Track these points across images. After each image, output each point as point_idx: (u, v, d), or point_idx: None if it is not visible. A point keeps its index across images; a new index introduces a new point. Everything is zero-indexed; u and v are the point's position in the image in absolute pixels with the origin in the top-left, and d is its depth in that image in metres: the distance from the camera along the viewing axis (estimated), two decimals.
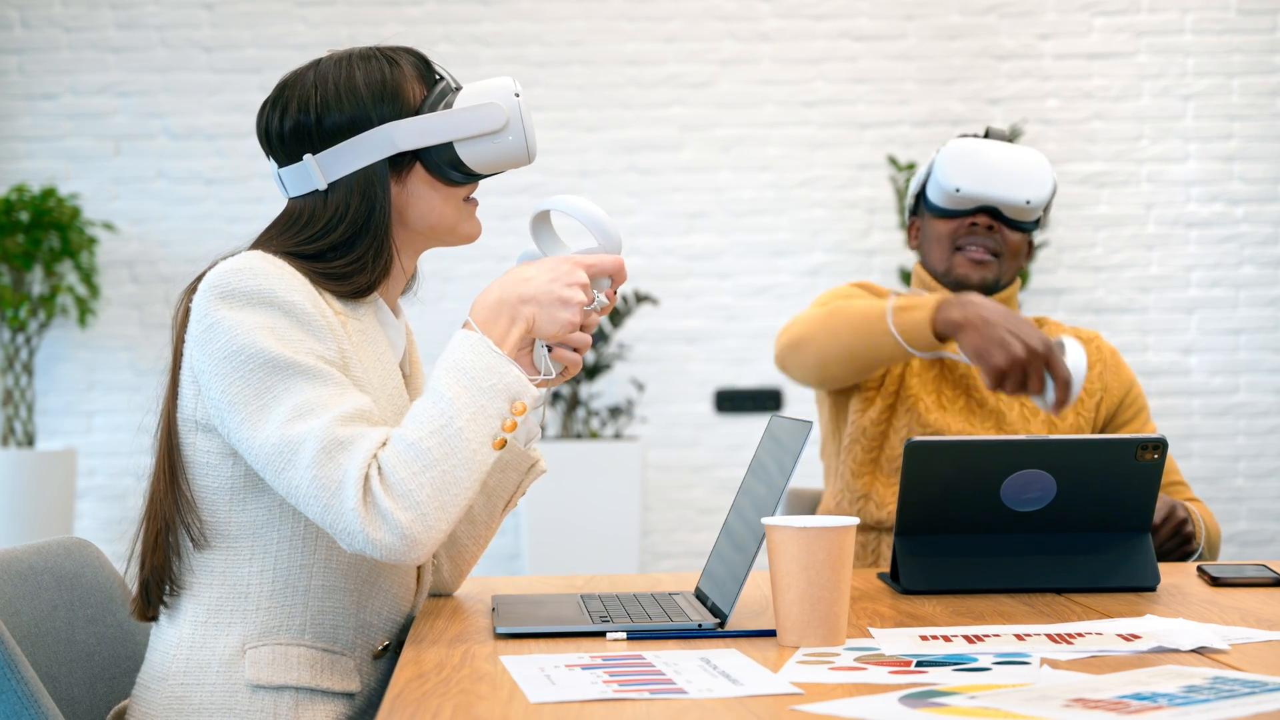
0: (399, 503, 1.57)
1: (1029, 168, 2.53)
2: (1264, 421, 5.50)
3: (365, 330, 1.75)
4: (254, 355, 1.61)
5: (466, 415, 1.60)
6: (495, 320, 1.67)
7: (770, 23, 5.48)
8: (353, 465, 1.57)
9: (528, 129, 1.76)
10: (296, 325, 1.63)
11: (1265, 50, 5.50)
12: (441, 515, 1.60)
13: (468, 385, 1.61)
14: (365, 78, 1.75)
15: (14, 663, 1.60)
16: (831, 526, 1.60)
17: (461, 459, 1.60)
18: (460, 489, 1.60)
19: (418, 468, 1.58)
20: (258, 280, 1.64)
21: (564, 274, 1.70)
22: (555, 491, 5.07)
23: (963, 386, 2.58)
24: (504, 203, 5.41)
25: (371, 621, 1.77)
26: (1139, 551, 2.05)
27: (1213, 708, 1.28)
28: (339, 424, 1.59)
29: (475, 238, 1.85)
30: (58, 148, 5.46)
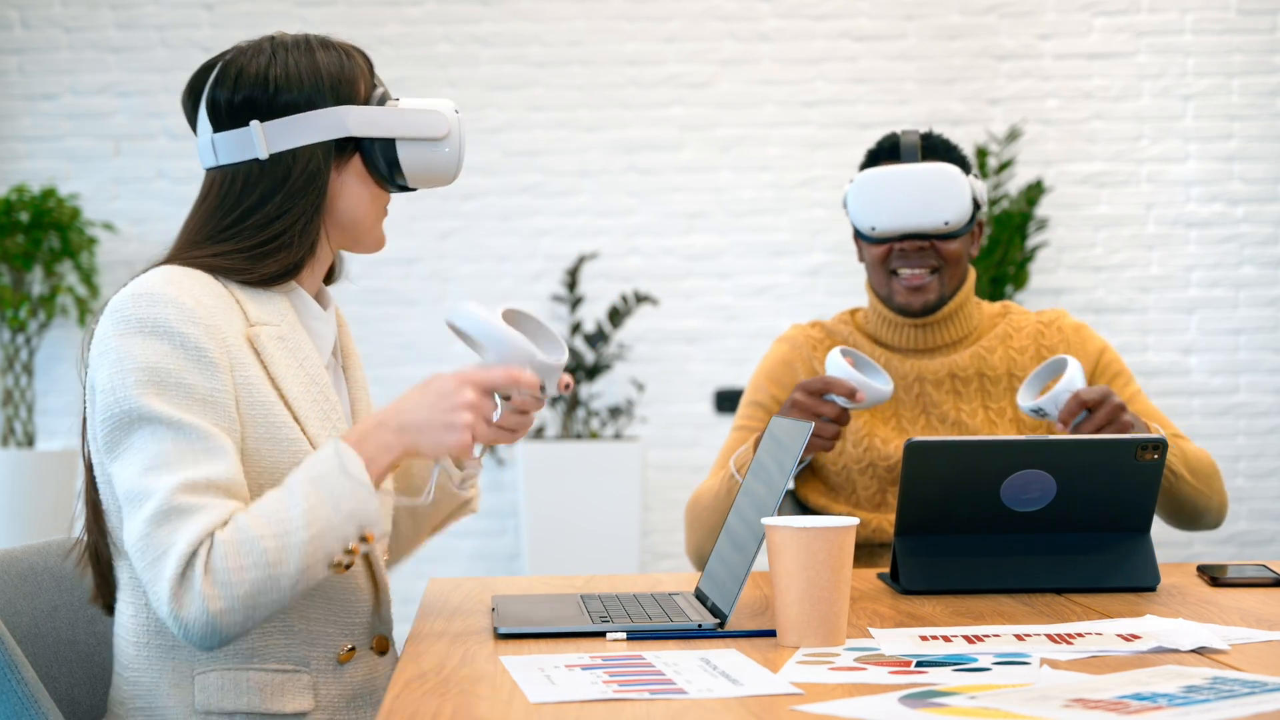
0: (215, 590, 1.54)
1: (937, 188, 2.48)
2: (1264, 421, 5.50)
3: (284, 335, 1.72)
4: (124, 399, 1.60)
5: (313, 531, 1.57)
6: (366, 442, 1.63)
7: (770, 23, 5.48)
8: (183, 536, 1.54)
9: (462, 146, 1.80)
10: (186, 360, 1.62)
11: (1265, 50, 5.50)
12: (251, 615, 1.57)
13: (324, 501, 1.58)
14: (326, 64, 1.77)
15: (14, 663, 1.60)
16: (831, 526, 1.60)
17: (292, 569, 1.56)
18: (279, 596, 1.57)
19: (247, 563, 1.54)
20: (154, 309, 1.63)
21: (447, 396, 1.65)
22: (555, 491, 5.07)
23: (920, 406, 2.56)
24: (504, 203, 5.41)
25: (327, 631, 1.73)
26: (1139, 551, 2.05)
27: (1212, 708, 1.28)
28: (185, 490, 1.56)
29: (381, 247, 1.86)
30: (58, 148, 5.46)
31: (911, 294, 2.54)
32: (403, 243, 5.40)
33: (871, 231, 2.51)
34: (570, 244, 5.43)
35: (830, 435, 2.33)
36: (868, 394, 2.32)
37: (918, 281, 2.53)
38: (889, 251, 2.54)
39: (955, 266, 2.55)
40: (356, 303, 5.26)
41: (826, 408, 2.32)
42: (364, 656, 1.78)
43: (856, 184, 2.52)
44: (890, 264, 2.55)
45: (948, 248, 2.53)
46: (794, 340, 2.64)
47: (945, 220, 2.48)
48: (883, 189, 2.49)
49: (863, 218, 2.51)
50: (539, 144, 5.46)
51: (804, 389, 2.34)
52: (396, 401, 1.67)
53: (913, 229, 2.49)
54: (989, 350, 2.58)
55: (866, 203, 2.50)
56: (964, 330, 2.59)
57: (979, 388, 2.57)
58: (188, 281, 1.67)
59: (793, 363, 2.62)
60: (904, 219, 2.48)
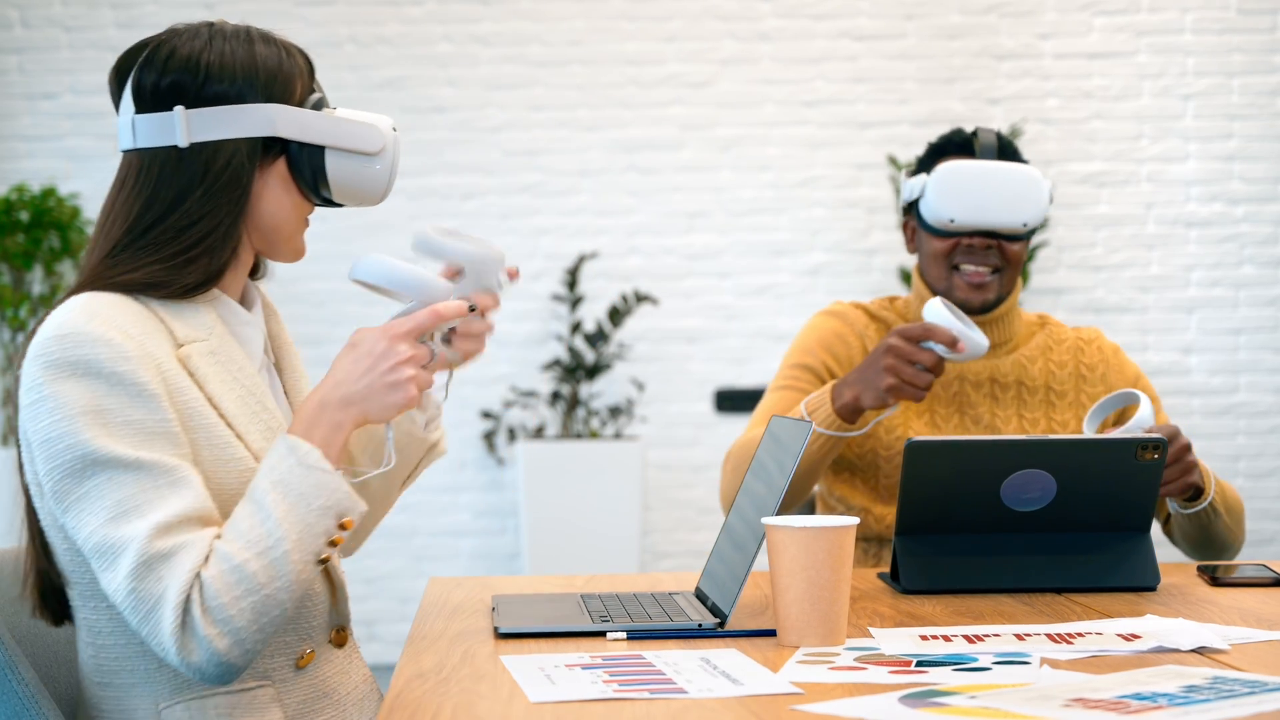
0: (217, 629, 1.51)
1: (1022, 188, 2.46)
2: (1264, 421, 5.50)
3: (214, 349, 1.66)
4: (74, 445, 1.53)
5: (293, 538, 1.53)
6: (315, 427, 1.59)
7: (770, 23, 5.48)
8: (173, 583, 1.50)
9: (394, 166, 1.71)
10: (125, 398, 1.55)
11: (1265, 50, 5.50)
12: (259, 638, 1.55)
13: (295, 504, 1.54)
14: (262, 58, 1.70)
15: (14, 663, 1.59)
16: (831, 526, 1.60)
17: (285, 582, 1.53)
18: (281, 609, 1.55)
19: (239, 592, 1.51)
20: (85, 349, 1.55)
21: (381, 358, 1.61)
22: (555, 491, 5.08)
23: (955, 404, 2.54)
24: (504, 202, 5.41)
25: (280, 640, 1.69)
26: (1139, 551, 2.05)
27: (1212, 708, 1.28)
28: (159, 535, 1.51)
29: (299, 257, 1.77)
30: (58, 148, 5.46)
31: (973, 290, 2.50)
32: (402, 242, 5.40)
33: (949, 224, 2.47)
34: (570, 244, 5.43)
35: (924, 385, 2.28)
36: (968, 345, 2.28)
37: (980, 279, 2.50)
38: (954, 246, 2.50)
39: (1015, 269, 2.53)
40: (356, 302, 5.26)
41: (924, 355, 2.28)
42: (322, 654, 1.74)
43: (939, 174, 2.47)
44: (954, 258, 2.51)
45: (1013, 249, 2.50)
46: (846, 316, 2.60)
47: (1024, 222, 2.46)
48: (967, 182, 2.46)
49: (942, 209, 2.46)
50: (539, 144, 5.46)
51: (903, 334, 2.29)
52: (331, 374, 1.62)
53: (992, 226, 2.46)
54: (1030, 360, 2.56)
55: (948, 194, 2.46)
56: (1008, 334, 2.56)
57: (1016, 395, 2.54)
58: (109, 311, 1.60)
59: (847, 337, 2.57)
60: (985, 215, 2.46)
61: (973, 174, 2.47)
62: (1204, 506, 2.35)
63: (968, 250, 2.50)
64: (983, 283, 2.51)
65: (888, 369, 2.29)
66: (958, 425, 2.52)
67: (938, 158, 2.55)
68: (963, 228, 2.47)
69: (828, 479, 2.59)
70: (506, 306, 5.45)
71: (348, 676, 1.77)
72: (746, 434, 2.50)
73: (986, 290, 2.51)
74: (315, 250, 5.27)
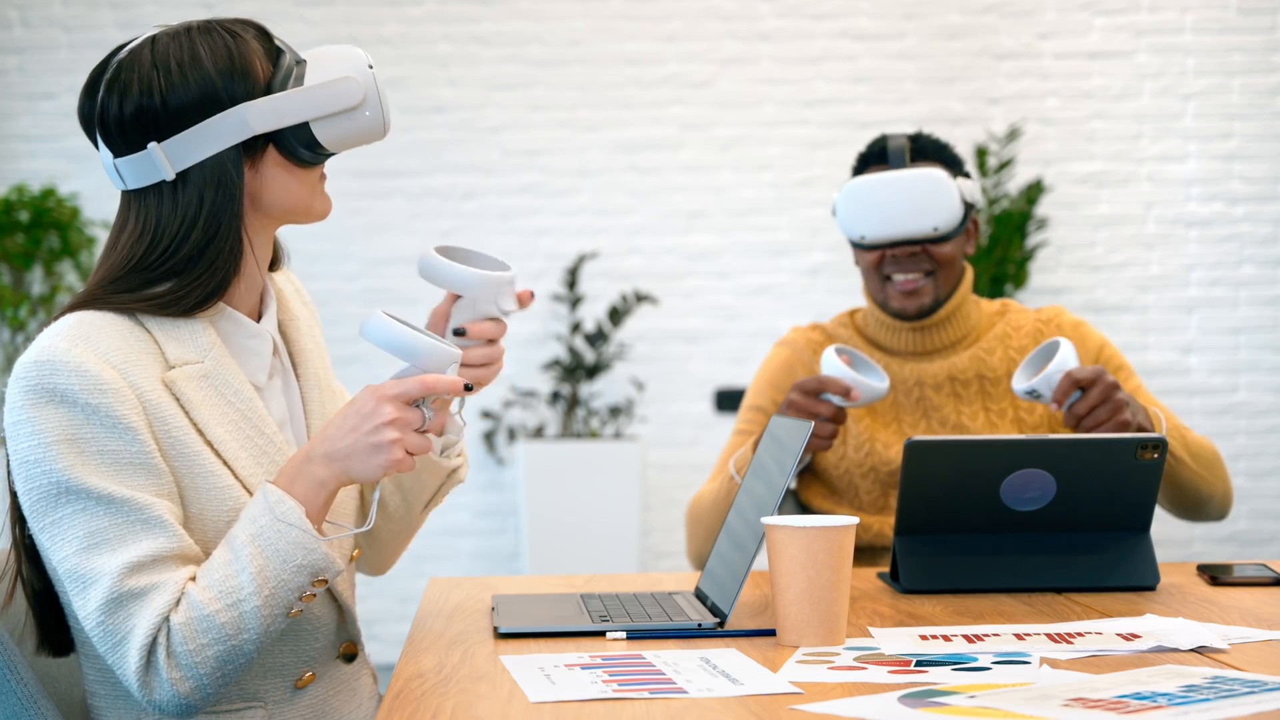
0: (180, 674, 1.52)
1: (926, 193, 2.46)
2: (1264, 421, 5.50)
3: (208, 374, 1.63)
4: (49, 472, 1.53)
5: (265, 593, 1.53)
6: (297, 481, 1.57)
7: (770, 22, 5.48)
8: (140, 624, 1.51)
9: (384, 102, 1.65)
10: (100, 429, 1.54)
11: (1265, 50, 5.50)
12: (221, 684, 1.55)
13: (270, 560, 1.54)
14: (210, 54, 1.64)
15: (14, 663, 1.59)
16: (831, 526, 1.60)
17: (252, 635, 1.54)
18: (245, 660, 1.55)
19: (206, 641, 1.52)
20: (60, 378, 1.54)
21: (367, 418, 1.57)
22: (555, 491, 5.07)
23: (920, 409, 2.55)
24: (503, 202, 5.41)
25: (278, 662, 1.69)
26: (1139, 551, 2.05)
27: (1212, 707, 1.28)
28: (131, 573, 1.51)
29: (327, 214, 1.73)
30: (58, 148, 5.46)
31: (906, 299, 2.53)
32: (403, 242, 5.40)
33: (861, 240, 2.50)
34: (570, 243, 5.43)
35: (827, 435, 2.33)
36: (863, 392, 2.32)
37: (911, 286, 2.52)
38: (881, 258, 2.53)
39: (949, 268, 2.54)
40: (356, 302, 5.26)
41: (823, 407, 2.32)
42: (326, 673, 1.73)
43: (843, 194, 2.50)
44: (884, 270, 2.53)
45: (940, 251, 2.51)
46: (794, 344, 2.64)
47: (934, 226, 2.47)
48: (869, 197, 2.47)
49: (851, 227, 2.50)
50: (539, 144, 5.46)
51: (800, 389, 2.34)
52: (323, 428, 1.60)
53: (901, 236, 2.47)
54: (988, 352, 2.57)
55: (854, 212, 2.48)
56: (963, 331, 2.58)
57: (979, 390, 2.56)
58: (96, 335, 1.58)
59: (793, 367, 2.61)
60: (892, 227, 2.47)
61: (874, 187, 2.47)
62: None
63: (894, 260, 2.52)
64: (915, 288, 2.52)
65: None
66: (925, 429, 2.54)
67: (860, 171, 2.58)
68: (875, 242, 2.49)
69: (814, 501, 2.62)
70: None
71: (353, 694, 1.77)
72: (707, 486, 2.54)
73: (921, 295, 2.53)
74: (315, 250, 5.29)
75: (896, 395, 2.56)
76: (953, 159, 2.56)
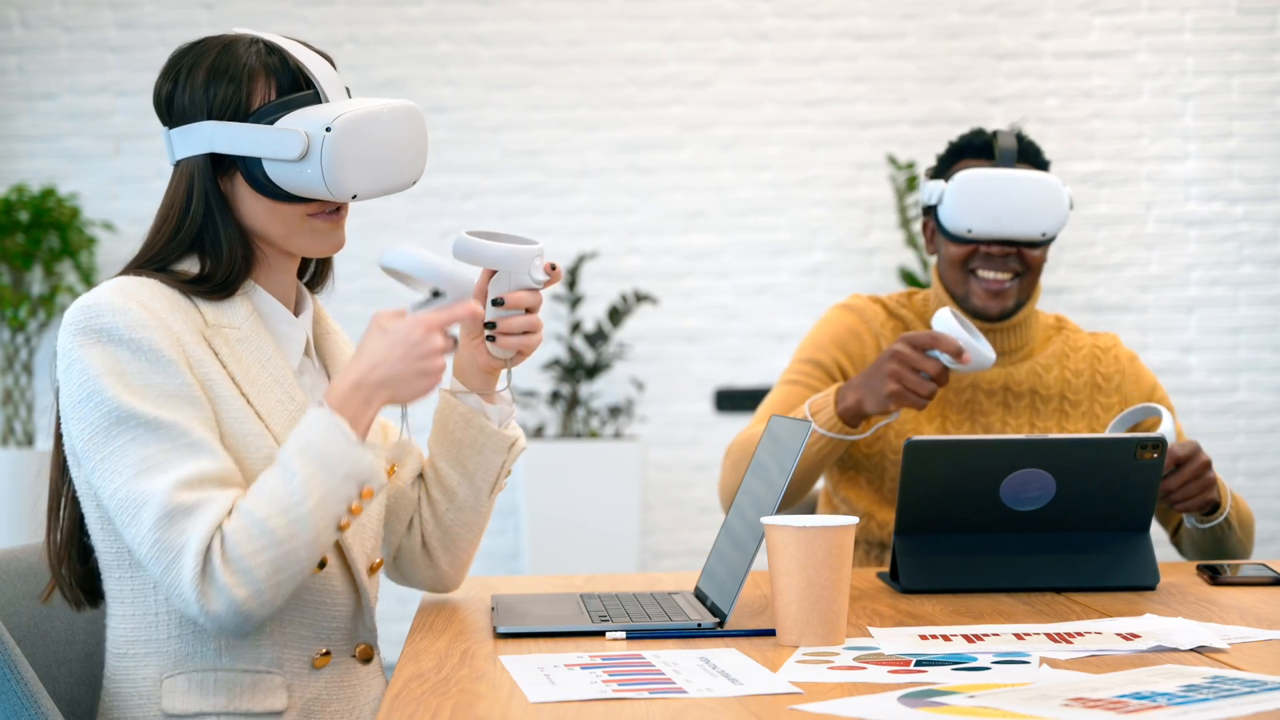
0: (237, 579, 1.58)
1: (1042, 198, 2.43)
2: (1264, 421, 5.50)
3: (245, 338, 1.73)
4: (102, 403, 1.61)
5: (315, 499, 1.60)
6: (348, 403, 1.65)
7: (770, 22, 5.48)
8: (195, 534, 1.57)
9: (328, 166, 1.68)
10: (146, 364, 1.63)
11: (1265, 50, 5.50)
12: (277, 593, 1.61)
13: (320, 469, 1.60)
14: (213, 66, 1.74)
15: (14, 663, 1.59)
16: (831, 526, 1.60)
17: (304, 541, 1.60)
18: (299, 568, 1.61)
19: (260, 545, 1.58)
20: (105, 318, 1.64)
21: (417, 345, 1.66)
22: (555, 491, 5.07)
23: (968, 411, 2.52)
24: (503, 202, 5.41)
25: (300, 634, 1.74)
26: (1139, 551, 2.05)
27: (1212, 707, 1.28)
28: (182, 488, 1.58)
29: (319, 253, 1.80)
30: (58, 148, 5.46)
31: (991, 298, 2.48)
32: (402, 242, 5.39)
33: (967, 234, 2.44)
34: (570, 243, 5.43)
35: (927, 393, 2.26)
36: (974, 356, 2.25)
37: (999, 286, 2.48)
38: (972, 252, 2.48)
39: (1036, 274, 2.50)
40: (356, 302, 5.26)
41: (929, 364, 2.25)
42: (342, 663, 1.78)
43: (957, 183, 2.44)
44: (971, 264, 2.49)
45: (1033, 255, 2.48)
46: (863, 312, 2.57)
47: (1044, 231, 2.43)
48: (986, 192, 2.43)
49: (960, 219, 2.44)
50: (539, 144, 5.46)
51: (909, 341, 2.27)
52: (363, 355, 1.66)
53: (1012, 236, 2.43)
54: (1045, 368, 2.54)
55: (966, 205, 2.43)
56: (1023, 340, 2.54)
57: (1029, 404, 2.52)
58: (137, 289, 1.68)
59: (861, 333, 2.55)
60: (1003, 226, 2.43)
61: (991, 183, 2.43)
62: (1220, 521, 2.34)
63: (986, 257, 2.48)
64: (1001, 289, 2.48)
65: (891, 375, 2.27)
66: (969, 432, 2.50)
67: (956, 160, 2.53)
68: (980, 238, 2.45)
69: (834, 478, 2.58)
70: None
71: (367, 690, 1.80)
72: (750, 429, 2.48)
73: (1005, 297, 2.49)
74: None
75: (947, 393, 2.51)
76: (1048, 164, 2.54)
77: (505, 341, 1.84)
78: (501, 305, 1.83)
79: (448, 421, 1.91)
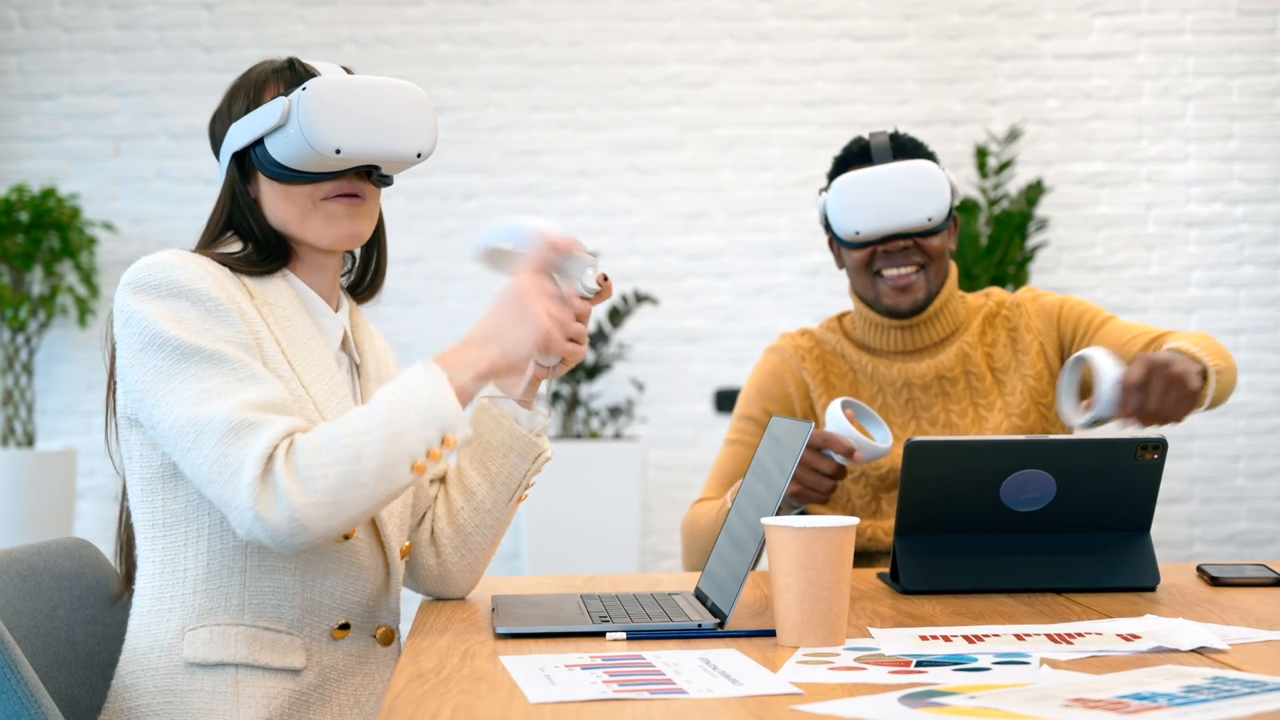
0: (299, 485, 1.59)
1: (918, 185, 2.45)
2: (1264, 421, 5.50)
3: (289, 316, 1.78)
4: (164, 343, 1.65)
5: (395, 428, 1.62)
6: (452, 357, 1.69)
7: (770, 23, 5.48)
8: (258, 444, 1.60)
9: (305, 122, 1.74)
10: (204, 312, 1.68)
11: (1265, 50, 5.50)
12: (338, 510, 1.61)
13: (403, 401, 1.63)
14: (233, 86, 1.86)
15: (14, 663, 1.60)
16: (831, 526, 1.60)
17: (374, 465, 1.61)
18: (364, 492, 1.62)
19: (328, 459, 1.60)
20: (164, 273, 1.69)
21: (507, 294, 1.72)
22: (555, 491, 5.07)
23: (910, 410, 2.55)
24: (504, 203, 5.41)
25: (321, 601, 1.77)
26: (1139, 551, 2.05)
27: (1212, 708, 1.28)
28: (246, 408, 1.62)
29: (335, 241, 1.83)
30: (58, 148, 5.46)
31: (899, 294, 2.51)
32: (403, 242, 5.40)
33: (855, 236, 2.48)
34: None
35: (826, 490, 2.28)
36: (865, 452, 2.25)
37: (904, 281, 2.51)
38: (872, 254, 2.51)
39: (939, 262, 2.53)
40: None
41: (825, 463, 2.27)
42: (361, 639, 1.81)
43: (835, 190, 2.48)
44: (874, 266, 2.52)
45: (930, 244, 2.50)
46: (782, 351, 2.62)
47: (928, 217, 2.46)
48: (862, 192, 2.46)
49: (845, 223, 2.47)
50: (539, 144, 5.46)
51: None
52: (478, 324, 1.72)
53: (896, 229, 2.46)
54: (971, 347, 2.56)
55: (847, 208, 2.46)
56: (950, 327, 2.57)
57: (966, 386, 2.55)
58: (190, 258, 1.74)
59: (782, 374, 2.60)
60: (887, 220, 2.45)
61: (865, 182, 2.46)
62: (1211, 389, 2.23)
63: (886, 255, 2.51)
64: (907, 284, 2.51)
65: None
66: (915, 430, 2.53)
67: (839, 172, 2.56)
68: (869, 237, 2.48)
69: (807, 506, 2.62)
70: None
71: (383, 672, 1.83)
72: (699, 505, 2.53)
73: (913, 290, 2.52)
74: None
75: (885, 398, 2.55)
76: (931, 154, 2.56)
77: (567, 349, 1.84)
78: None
79: (479, 423, 1.93)
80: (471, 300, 5.44)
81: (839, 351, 2.59)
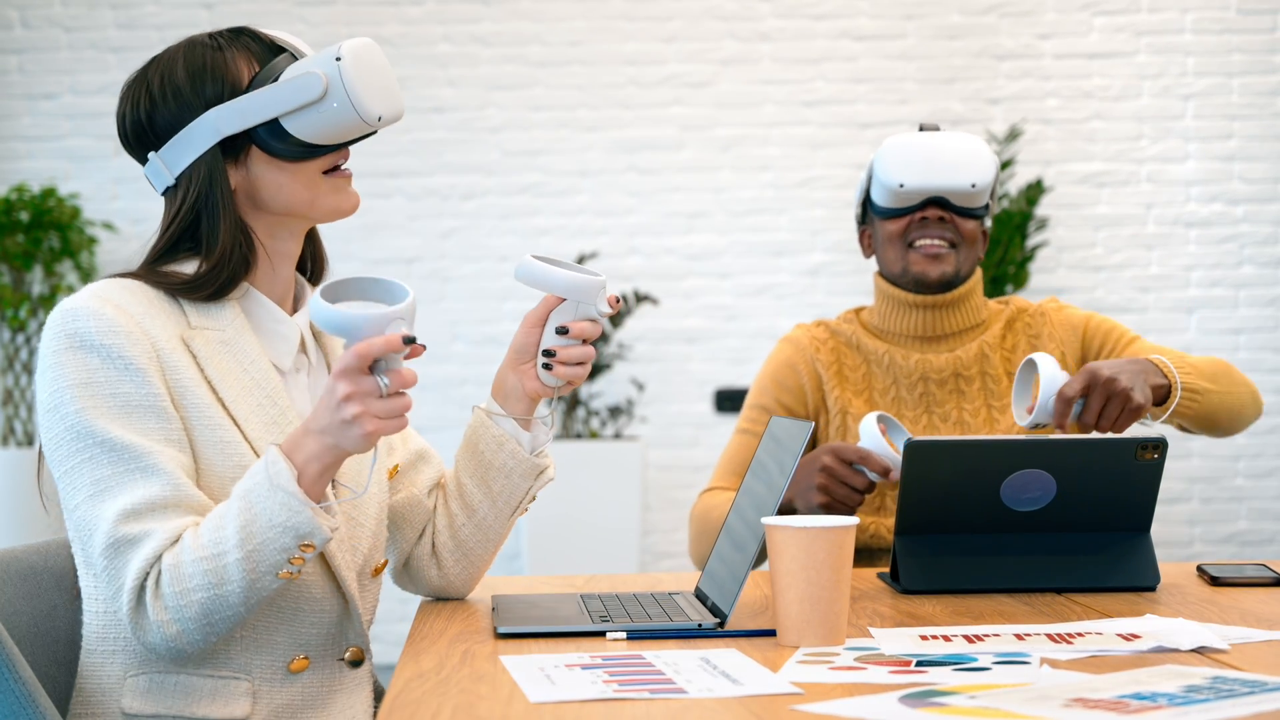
0: (168, 615, 1.59)
1: (968, 152, 2.51)
2: (1264, 421, 5.50)
3: (228, 340, 1.72)
4: (64, 416, 1.63)
5: (249, 548, 1.57)
6: (298, 450, 1.60)
7: (770, 23, 5.48)
8: (131, 568, 1.59)
9: (353, 92, 1.68)
10: (113, 370, 1.63)
11: (1265, 50, 5.50)
12: (211, 630, 1.61)
13: (257, 516, 1.58)
14: (186, 66, 1.73)
15: (13, 663, 1.59)
16: (831, 526, 1.60)
17: (237, 587, 1.59)
18: (233, 611, 1.60)
19: (192, 584, 1.58)
20: (77, 323, 1.64)
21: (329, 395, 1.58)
22: (555, 491, 5.07)
23: (923, 405, 2.55)
24: (503, 202, 5.41)
25: (274, 640, 1.72)
26: (1139, 551, 2.05)
27: (1212, 707, 1.28)
28: (125, 519, 1.59)
29: (345, 212, 1.79)
30: (58, 148, 5.46)
31: (929, 262, 2.52)
32: (403, 242, 5.40)
33: (899, 189, 2.49)
34: (570, 244, 5.43)
35: (855, 504, 2.30)
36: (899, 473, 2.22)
37: (936, 250, 2.52)
38: (908, 224, 2.53)
39: (971, 246, 2.55)
40: None
41: (857, 478, 2.28)
42: (325, 667, 1.76)
43: (887, 145, 2.52)
44: (909, 236, 2.54)
45: (967, 225, 2.53)
46: (798, 342, 2.62)
47: (973, 183, 2.49)
48: (914, 149, 2.50)
49: (891, 175, 2.49)
50: (539, 144, 5.46)
51: (837, 454, 2.29)
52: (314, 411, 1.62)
53: (941, 188, 2.49)
54: (991, 348, 2.57)
55: (896, 162, 2.50)
56: (971, 321, 2.58)
57: (981, 386, 2.56)
58: (117, 291, 1.68)
59: (796, 365, 2.60)
60: (934, 177, 2.48)
61: (918, 140, 2.52)
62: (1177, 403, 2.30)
63: (921, 224, 2.53)
64: (939, 254, 2.52)
65: (820, 487, 2.30)
66: (926, 425, 2.54)
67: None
68: (912, 191, 2.49)
69: None
70: (506, 305, 5.45)
71: (350, 698, 1.78)
72: (709, 496, 2.53)
73: (943, 262, 2.53)
74: None
75: (900, 390, 2.55)
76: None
77: (560, 371, 1.83)
78: (565, 334, 1.82)
79: (479, 441, 1.89)
80: (472, 300, 5.44)
81: (854, 343, 2.59)
